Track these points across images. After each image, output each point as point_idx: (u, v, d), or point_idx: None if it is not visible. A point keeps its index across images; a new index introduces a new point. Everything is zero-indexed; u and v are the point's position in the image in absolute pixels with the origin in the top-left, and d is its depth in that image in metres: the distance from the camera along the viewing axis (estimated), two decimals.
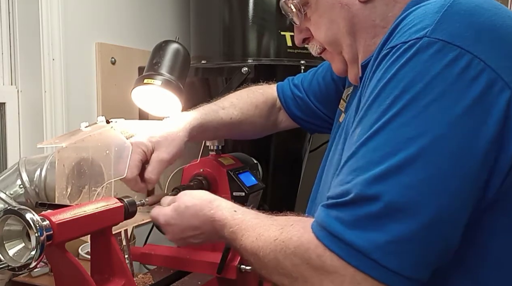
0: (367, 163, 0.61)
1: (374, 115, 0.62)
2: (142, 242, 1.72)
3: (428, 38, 0.60)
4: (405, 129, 0.59)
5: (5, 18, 1.73)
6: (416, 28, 0.62)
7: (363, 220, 0.59)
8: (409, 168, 0.58)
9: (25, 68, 1.75)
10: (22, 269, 0.74)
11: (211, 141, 1.30)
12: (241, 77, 1.61)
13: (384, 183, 0.58)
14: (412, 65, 0.60)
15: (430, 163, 0.58)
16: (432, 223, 0.58)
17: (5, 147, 1.73)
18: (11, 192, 1.27)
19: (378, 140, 0.61)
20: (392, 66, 0.62)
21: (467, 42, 0.59)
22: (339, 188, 0.63)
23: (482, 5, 0.63)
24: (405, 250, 0.58)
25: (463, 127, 0.58)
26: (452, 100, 0.58)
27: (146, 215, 1.13)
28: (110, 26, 2.00)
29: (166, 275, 1.29)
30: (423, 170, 0.58)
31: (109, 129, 1.03)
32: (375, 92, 0.63)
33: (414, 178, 0.58)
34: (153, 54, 1.45)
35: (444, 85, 0.58)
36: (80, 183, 1.02)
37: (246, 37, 1.73)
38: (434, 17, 0.61)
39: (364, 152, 0.62)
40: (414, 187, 0.58)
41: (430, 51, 0.59)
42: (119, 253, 0.89)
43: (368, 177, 0.59)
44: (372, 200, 0.58)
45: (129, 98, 1.44)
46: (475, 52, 0.59)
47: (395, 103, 0.60)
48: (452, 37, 0.59)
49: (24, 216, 0.72)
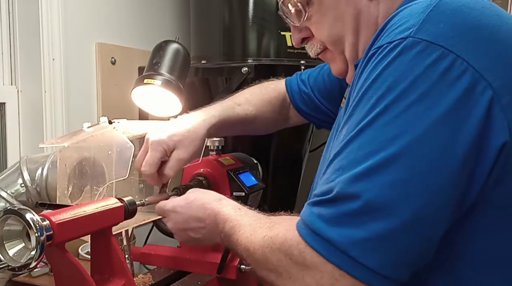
0: (350, 161, 0.61)
1: (359, 115, 0.63)
2: (142, 242, 1.72)
3: (412, 38, 0.60)
4: (387, 128, 0.60)
5: (5, 18, 1.73)
6: (402, 28, 0.62)
7: (343, 218, 0.60)
8: (389, 167, 0.58)
9: (25, 68, 1.75)
10: (22, 269, 0.74)
11: (211, 141, 1.30)
12: (241, 77, 1.61)
13: (364, 182, 0.59)
14: (396, 65, 0.61)
15: (410, 162, 0.58)
16: (411, 222, 0.58)
17: (5, 147, 1.73)
18: (12, 190, 1.27)
19: (362, 139, 0.61)
20: (377, 66, 0.62)
21: (450, 42, 0.59)
22: (324, 186, 0.64)
23: (468, 4, 0.63)
24: (383, 248, 0.58)
25: (444, 127, 0.58)
26: (434, 100, 0.58)
27: (146, 215, 1.13)
28: (110, 26, 2.00)
29: (166, 275, 1.29)
30: (403, 169, 0.58)
31: (111, 130, 1.03)
32: (361, 91, 0.64)
33: (394, 177, 0.58)
34: (153, 54, 1.45)
35: (427, 85, 0.59)
36: (82, 182, 1.02)
37: (246, 37, 1.73)
38: (419, 17, 0.62)
39: (348, 151, 0.63)
40: (393, 186, 0.58)
41: (414, 51, 0.60)
42: (119, 253, 0.89)
43: (350, 175, 0.60)
44: (352, 198, 0.59)
45: (129, 98, 1.44)
46: (458, 52, 0.59)
47: (378, 103, 0.61)
48: (435, 37, 0.60)
49: (24, 216, 0.72)
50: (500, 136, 0.59)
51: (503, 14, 0.66)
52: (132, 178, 1.23)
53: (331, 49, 0.86)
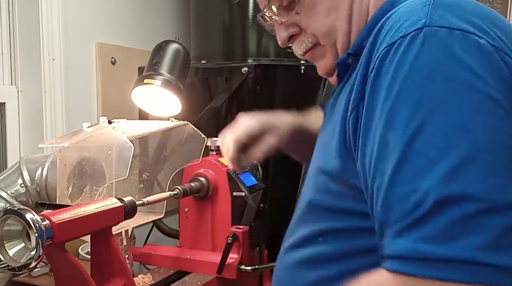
0: (426, 164, 0.54)
1: (404, 115, 0.57)
2: (142, 242, 1.72)
3: (429, 27, 0.58)
4: (450, 120, 0.54)
5: (5, 18, 1.73)
6: (410, 22, 0.60)
7: (456, 226, 0.51)
8: (476, 156, 0.53)
9: (25, 68, 1.75)
10: (22, 269, 0.74)
11: (211, 141, 1.31)
12: (241, 77, 1.61)
13: (460, 178, 0.52)
14: (426, 54, 0.57)
15: (491, 146, 0.54)
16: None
17: (5, 147, 1.73)
18: (12, 190, 1.27)
19: (427, 139, 0.55)
20: (402, 60, 0.58)
21: (466, 26, 0.58)
22: (403, 204, 0.55)
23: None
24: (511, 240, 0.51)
25: (502, 101, 0.56)
26: (484, 79, 0.55)
27: (146, 215, 1.13)
28: (110, 26, 2.00)
29: (166, 275, 1.29)
30: (489, 156, 0.53)
31: (111, 130, 1.03)
32: (395, 90, 0.58)
33: (486, 166, 0.53)
34: (153, 54, 1.45)
35: (468, 66, 0.56)
36: (82, 182, 1.03)
37: (246, 37, 1.73)
38: (424, 10, 0.60)
39: (413, 155, 0.55)
40: (490, 174, 0.52)
41: (438, 37, 0.57)
42: (119, 253, 0.89)
43: (438, 177, 0.53)
44: (458, 200, 0.52)
45: (129, 98, 1.44)
46: (479, 33, 0.58)
47: (427, 96, 0.56)
48: (450, 23, 0.58)
49: (24, 216, 0.72)
50: None
51: (484, 5, 0.67)
52: (132, 178, 1.23)
53: (322, 42, 0.81)
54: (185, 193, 1.19)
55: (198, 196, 1.26)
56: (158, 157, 1.30)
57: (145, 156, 1.31)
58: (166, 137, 1.30)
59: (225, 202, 1.25)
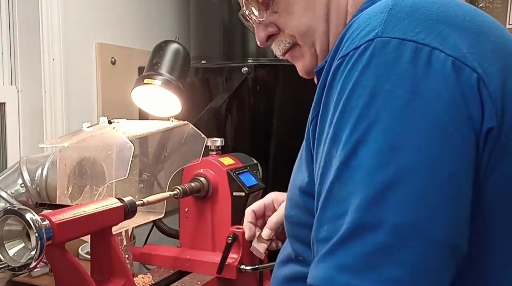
0: (354, 186, 0.52)
1: (345, 132, 0.55)
2: (142, 242, 1.72)
3: (380, 39, 0.55)
4: (384, 140, 0.52)
5: (5, 18, 1.73)
6: (365, 32, 0.57)
7: (372, 257, 0.50)
8: (401, 183, 0.51)
9: (25, 68, 1.75)
10: (22, 269, 0.74)
11: (211, 141, 1.31)
12: (241, 77, 1.61)
13: (380, 206, 0.50)
14: (373, 68, 0.55)
15: (420, 173, 0.51)
16: (448, 234, 0.51)
17: (5, 147, 1.73)
18: (12, 190, 1.27)
19: (356, 162, 0.53)
20: (350, 74, 0.56)
21: (420, 35, 0.55)
22: (330, 226, 0.53)
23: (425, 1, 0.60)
24: (433, 273, 0.50)
25: (443, 123, 0.52)
26: (426, 98, 0.52)
27: (146, 215, 1.13)
28: (110, 26, 2.00)
29: (166, 275, 1.29)
30: (416, 182, 0.51)
31: (111, 130, 1.03)
32: (340, 105, 0.56)
33: (410, 193, 0.51)
34: (153, 54, 1.45)
35: (413, 83, 0.53)
36: (82, 182, 1.03)
37: (246, 37, 1.73)
38: (379, 18, 0.57)
39: (345, 175, 0.54)
40: (414, 202, 0.50)
41: (387, 51, 0.55)
42: (119, 253, 0.89)
43: (360, 203, 0.51)
44: (374, 228, 0.50)
45: (129, 98, 1.44)
46: (431, 44, 0.54)
47: (366, 113, 0.54)
48: (404, 33, 0.55)
49: (24, 216, 0.72)
50: (487, 121, 0.53)
51: (463, 5, 0.62)
52: (132, 178, 1.23)
53: (300, 42, 0.79)
54: (185, 193, 1.20)
55: (198, 196, 1.26)
56: (158, 157, 1.30)
57: (145, 156, 1.31)
58: (166, 137, 1.30)
59: (225, 202, 1.25)
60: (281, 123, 1.65)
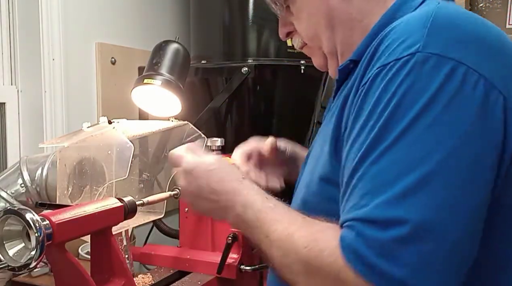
0: (380, 184, 0.60)
1: (378, 133, 0.61)
2: (142, 242, 1.73)
3: (421, 53, 0.61)
4: (415, 146, 0.59)
5: (5, 18, 1.73)
6: (406, 45, 0.62)
7: (392, 245, 0.57)
8: (427, 186, 0.57)
9: (25, 68, 1.75)
10: (22, 269, 0.74)
11: (211, 141, 1.31)
12: (241, 77, 1.61)
13: (406, 204, 0.57)
14: (411, 82, 0.60)
15: (446, 179, 0.58)
16: (462, 239, 0.58)
17: (5, 147, 1.73)
18: (12, 190, 1.27)
19: (388, 160, 0.60)
20: (390, 84, 0.62)
21: (459, 54, 0.60)
22: (356, 212, 0.61)
23: (461, 16, 0.66)
24: (442, 270, 0.57)
25: (470, 139, 0.59)
26: (457, 114, 0.59)
27: (146, 215, 1.13)
28: (110, 26, 2.01)
29: (166, 275, 1.29)
30: (442, 187, 0.57)
31: (111, 130, 1.03)
32: (378, 110, 0.62)
33: (435, 196, 0.57)
34: (153, 54, 1.45)
35: (446, 99, 0.59)
36: (82, 182, 1.03)
37: (246, 37, 1.73)
38: (421, 32, 0.62)
39: (374, 173, 0.61)
40: (436, 205, 0.57)
41: (427, 66, 0.60)
42: (119, 253, 0.89)
43: (387, 198, 0.58)
44: (399, 223, 0.57)
45: (129, 98, 1.44)
46: (468, 63, 0.60)
47: (400, 121, 0.60)
48: (444, 50, 0.61)
49: (24, 216, 0.72)
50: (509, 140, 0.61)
51: (490, 24, 0.69)
52: (132, 178, 1.23)
53: (309, 44, 0.88)
54: None
55: None
56: (158, 157, 1.30)
57: (145, 156, 1.31)
58: (166, 137, 1.30)
59: None
60: (281, 123, 1.65)
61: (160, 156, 1.30)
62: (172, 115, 1.41)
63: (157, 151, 1.31)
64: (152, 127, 1.21)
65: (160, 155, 1.30)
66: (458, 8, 0.71)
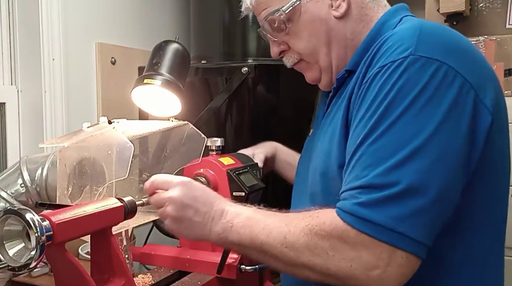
0: (379, 158, 0.75)
1: (377, 120, 0.77)
2: (142, 242, 1.72)
3: (413, 56, 0.78)
4: (408, 127, 0.75)
5: (5, 18, 1.73)
6: (400, 49, 0.79)
7: (386, 202, 0.73)
8: (416, 156, 0.74)
9: (25, 68, 1.75)
10: (22, 269, 0.74)
11: (211, 141, 1.30)
12: (241, 77, 1.61)
13: (400, 171, 0.74)
14: (406, 78, 0.77)
15: (431, 150, 0.74)
16: (442, 195, 0.74)
17: (5, 147, 1.73)
18: (12, 190, 1.27)
19: (387, 139, 0.76)
20: (388, 80, 0.78)
21: (442, 56, 0.78)
22: (357, 181, 0.76)
23: (441, 28, 0.87)
24: (424, 221, 0.74)
25: (449, 119, 0.76)
26: (439, 101, 0.76)
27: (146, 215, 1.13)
28: (110, 26, 2.01)
29: (166, 275, 1.29)
30: (427, 156, 0.74)
31: (111, 130, 1.03)
32: (378, 100, 0.78)
33: (422, 164, 0.74)
34: (153, 54, 1.45)
35: (432, 90, 0.76)
36: (82, 182, 1.02)
37: (246, 37, 1.73)
38: (412, 40, 0.80)
39: (374, 150, 0.76)
40: (423, 170, 0.74)
41: (417, 65, 0.77)
42: (119, 253, 0.89)
43: (385, 168, 0.74)
44: (392, 185, 0.73)
45: (129, 98, 1.44)
46: (449, 63, 0.77)
47: (396, 108, 0.76)
48: (431, 53, 0.78)
49: (24, 216, 0.72)
50: (487, 118, 0.80)
51: (460, 35, 0.88)
52: (132, 178, 1.23)
53: (307, 60, 1.02)
54: None
55: None
56: (158, 157, 1.30)
57: (145, 156, 1.30)
58: (166, 137, 1.30)
59: None
60: (281, 123, 1.65)
61: (160, 156, 1.30)
62: (172, 115, 1.41)
63: (157, 151, 1.31)
64: (152, 127, 1.21)
65: (160, 155, 1.30)
66: (436, 23, 0.93)
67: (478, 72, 0.81)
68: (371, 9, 0.98)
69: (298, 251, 0.79)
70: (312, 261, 0.78)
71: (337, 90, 0.98)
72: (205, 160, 1.26)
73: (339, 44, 0.97)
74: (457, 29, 1.67)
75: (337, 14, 0.96)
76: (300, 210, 0.86)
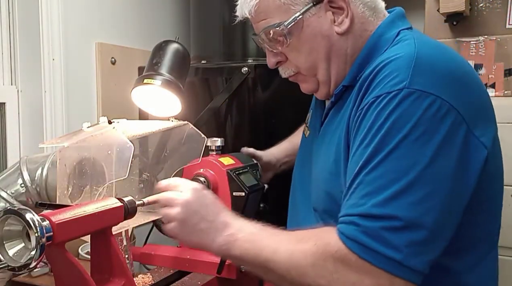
0: (376, 188, 0.77)
1: (373, 150, 0.79)
2: (142, 242, 1.72)
3: (407, 89, 0.78)
4: (403, 160, 0.77)
5: (5, 18, 1.73)
6: (395, 81, 0.80)
7: (385, 233, 0.75)
8: (411, 189, 0.75)
9: (25, 68, 1.75)
10: (22, 269, 0.74)
11: (211, 141, 1.30)
12: (241, 77, 1.61)
13: (395, 203, 0.75)
14: (400, 111, 0.78)
15: (426, 183, 0.76)
16: (439, 226, 0.77)
17: (5, 147, 1.73)
18: (12, 190, 1.27)
19: (383, 170, 0.78)
20: (383, 111, 0.80)
21: (436, 89, 0.78)
22: (355, 209, 0.78)
23: (437, 56, 0.85)
24: (421, 251, 0.76)
25: (442, 153, 0.77)
26: (432, 135, 0.77)
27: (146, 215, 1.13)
28: (110, 26, 2.01)
29: (166, 275, 1.29)
30: (422, 189, 0.76)
31: (111, 130, 1.03)
32: (373, 131, 0.80)
33: (417, 197, 0.75)
34: (153, 54, 1.45)
35: (426, 124, 0.77)
36: (82, 182, 1.02)
37: (246, 37, 1.73)
38: (407, 72, 0.80)
39: (370, 179, 0.78)
40: (419, 203, 0.75)
41: (411, 99, 0.78)
42: (119, 253, 0.89)
43: (381, 199, 0.76)
44: (389, 218, 0.75)
45: (129, 98, 1.44)
46: (443, 96, 0.78)
47: (391, 140, 0.78)
48: (425, 87, 0.78)
49: (24, 216, 0.72)
50: (482, 151, 0.82)
51: (458, 58, 0.89)
52: (132, 178, 1.23)
53: (305, 73, 1.01)
54: None
55: None
56: (158, 157, 1.30)
57: (145, 156, 1.30)
58: (166, 137, 1.30)
59: (225, 202, 1.25)
60: (281, 123, 1.64)
61: (160, 156, 1.30)
62: (172, 115, 1.41)
63: (157, 151, 1.31)
64: (152, 127, 1.21)
65: (160, 155, 1.30)
66: (431, 43, 0.92)
67: (474, 105, 0.83)
68: (371, 23, 0.97)
69: (303, 271, 0.81)
70: (316, 282, 0.80)
71: (335, 103, 0.99)
72: (205, 160, 1.26)
73: (339, 60, 0.97)
74: (457, 29, 1.66)
75: (339, 30, 0.95)
76: (304, 228, 0.88)
